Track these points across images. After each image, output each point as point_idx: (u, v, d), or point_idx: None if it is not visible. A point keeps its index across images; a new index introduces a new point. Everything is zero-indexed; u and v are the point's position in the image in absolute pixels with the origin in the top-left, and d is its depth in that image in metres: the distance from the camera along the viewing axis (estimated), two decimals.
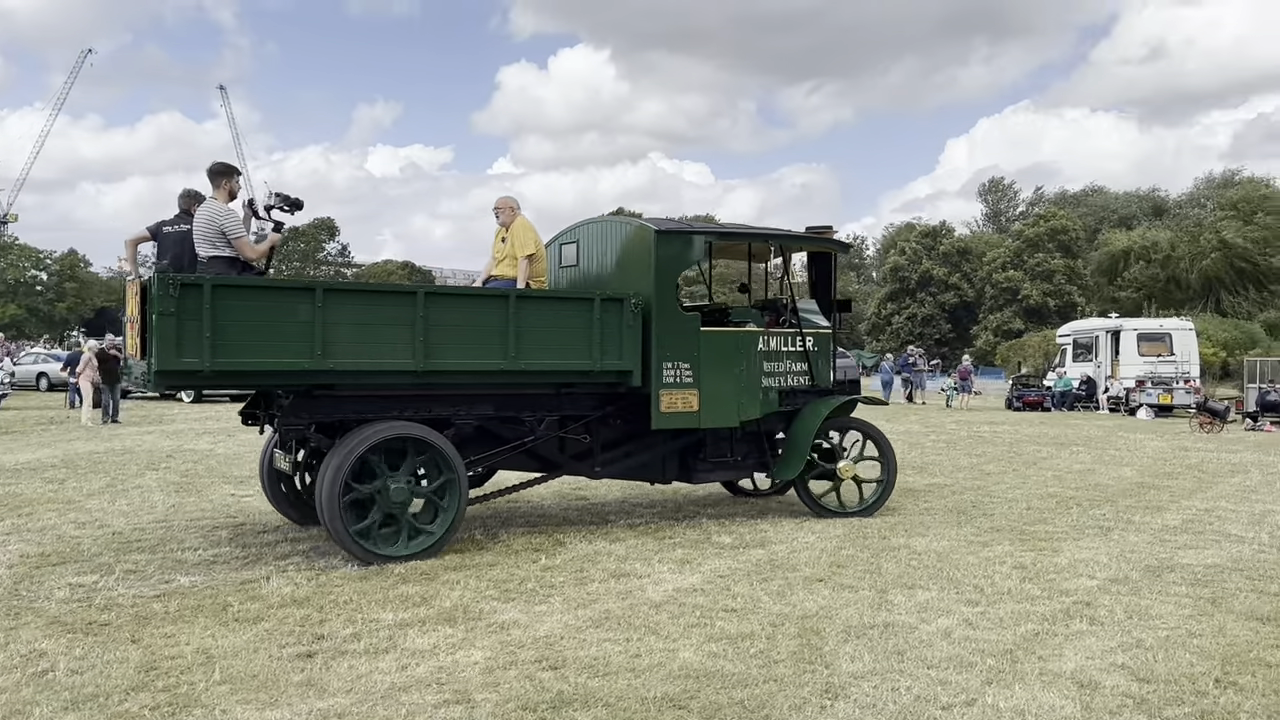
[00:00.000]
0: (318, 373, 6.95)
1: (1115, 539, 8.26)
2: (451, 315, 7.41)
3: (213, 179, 7.37)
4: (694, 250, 8.66)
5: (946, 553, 7.61)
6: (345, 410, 7.30)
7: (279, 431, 7.46)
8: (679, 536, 8.17)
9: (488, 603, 5.98)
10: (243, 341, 6.64)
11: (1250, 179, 62.81)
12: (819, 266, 9.90)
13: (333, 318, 6.93)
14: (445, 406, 7.69)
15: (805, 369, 9.17)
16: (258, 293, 6.85)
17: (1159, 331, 26.89)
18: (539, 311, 7.79)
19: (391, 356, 7.16)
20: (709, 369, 8.45)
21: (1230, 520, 9.25)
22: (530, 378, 7.83)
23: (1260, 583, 6.75)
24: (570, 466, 8.60)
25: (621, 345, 8.02)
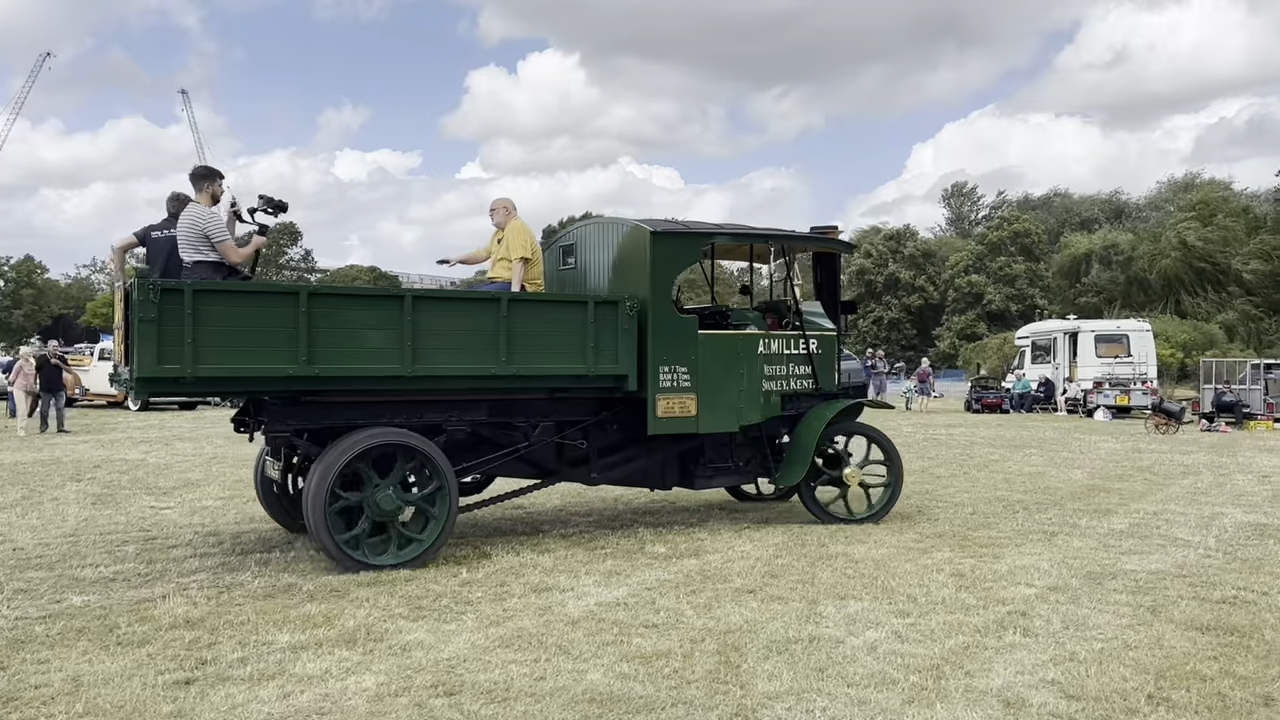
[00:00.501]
0: (303, 378, 6.80)
1: (1059, 544, 8.06)
2: (440, 319, 7.24)
3: (195, 182, 7.25)
4: (691, 251, 8.48)
5: (885, 560, 7.36)
6: (333, 417, 7.17)
7: (265, 438, 7.31)
8: (611, 547, 7.87)
9: (394, 622, 5.65)
10: (226, 347, 6.53)
11: (1210, 181, 63.64)
12: (824, 267, 9.64)
13: (318, 322, 6.79)
14: (437, 412, 7.54)
15: (809, 372, 8.92)
16: (240, 297, 6.70)
17: (1116, 333, 26.96)
18: (531, 315, 7.61)
19: (379, 361, 7.01)
20: (707, 373, 8.24)
21: (1178, 524, 9.09)
22: (523, 382, 7.65)
23: (1202, 589, 6.55)
24: (566, 473, 8.43)
25: (617, 349, 7.84)
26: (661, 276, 8.11)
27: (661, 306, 8.09)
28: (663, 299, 8.14)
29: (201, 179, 7.26)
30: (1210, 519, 9.36)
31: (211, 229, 7.03)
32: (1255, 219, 54.72)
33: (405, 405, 7.42)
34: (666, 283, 8.20)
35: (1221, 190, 58.62)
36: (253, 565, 7.09)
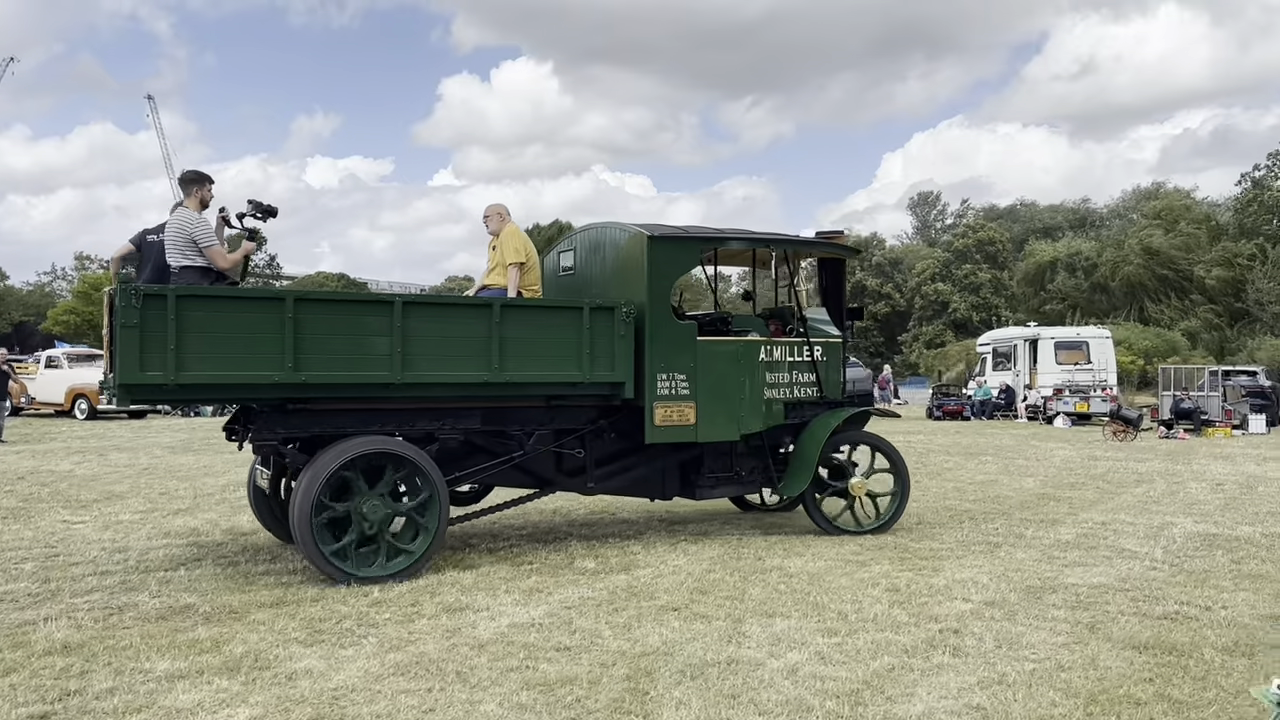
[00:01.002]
0: (289, 385, 6.69)
1: (1002, 556, 7.82)
2: (431, 325, 7.14)
3: (184, 187, 7.18)
4: (690, 256, 8.35)
5: (820, 574, 7.09)
6: (321, 425, 7.07)
7: (253, 447, 7.16)
8: (539, 562, 7.55)
9: (287, 647, 5.29)
10: (209, 354, 6.43)
11: (1174, 190, 64.26)
12: (829, 273, 9.42)
13: (304, 328, 6.68)
14: (429, 420, 7.41)
15: (813, 380, 8.71)
16: (225, 303, 6.58)
17: (1076, 340, 26.95)
18: (524, 321, 7.47)
19: (367, 368, 6.91)
20: (706, 380, 8.06)
21: (1126, 534, 8.89)
22: (517, 390, 7.52)
23: (1145, 604, 6.31)
24: (563, 482, 8.25)
25: (613, 356, 7.68)
26: (659, 281, 7.93)
27: (659, 312, 7.92)
28: (660, 304, 7.95)
29: (190, 183, 7.15)
30: (1159, 529, 9.17)
31: (199, 234, 6.92)
32: (1217, 227, 55.28)
33: (396, 413, 7.31)
34: (664, 288, 8.02)
35: (1184, 199, 59.21)
36: (153, 584, 6.71)
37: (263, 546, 8.08)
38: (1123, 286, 54.64)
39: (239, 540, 8.41)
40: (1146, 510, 10.36)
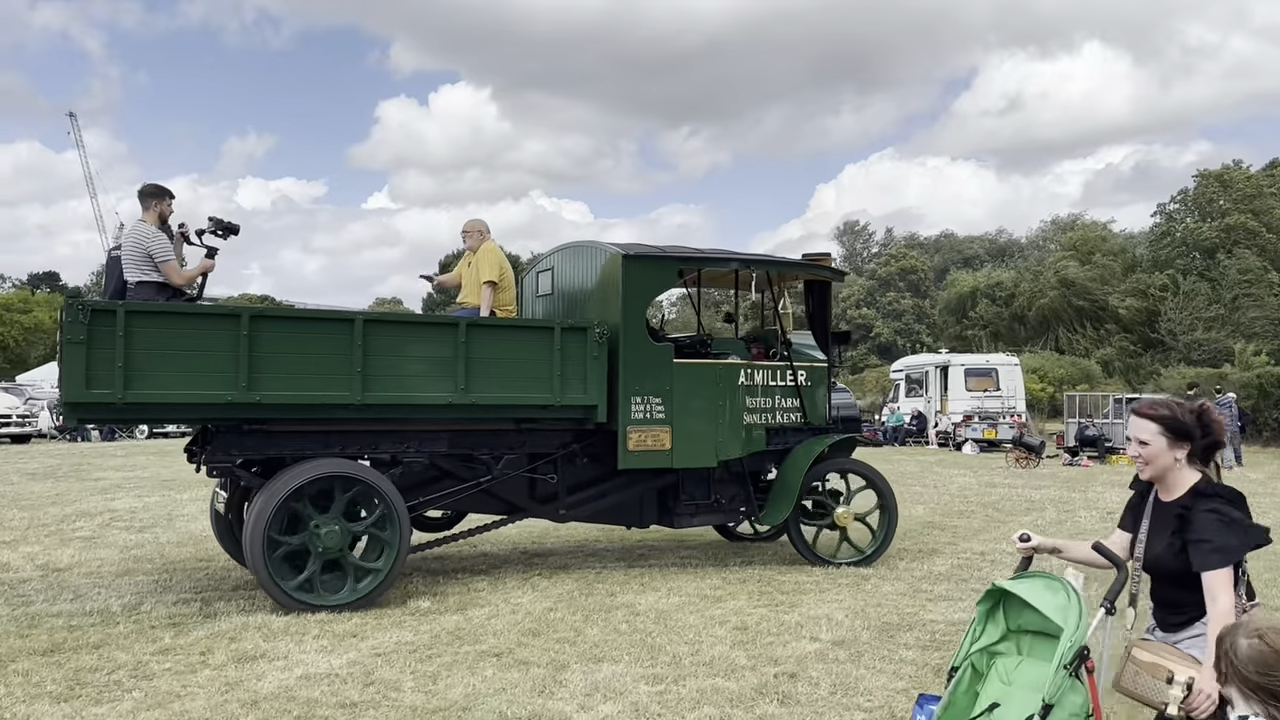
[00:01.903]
0: (243, 405, 6.48)
1: (867, 590, 7.45)
2: (393, 344, 6.92)
3: (142, 200, 6.99)
4: (666, 276, 8.07)
5: (669, 612, 6.64)
6: (279, 446, 6.85)
7: (206, 469, 6.88)
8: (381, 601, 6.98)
9: (33, 704, 4.66)
10: (160, 372, 6.23)
11: (1090, 222, 65.73)
12: (815, 296, 9.06)
13: (260, 346, 6.48)
14: (392, 443, 7.17)
15: (797, 405, 8.40)
16: (177, 319, 6.39)
17: (986, 367, 27.10)
18: (492, 341, 7.23)
19: (326, 388, 6.68)
20: (683, 404, 7.76)
21: (1001, 565, 8.60)
22: (484, 412, 7.28)
23: None
24: (534, 509, 7.96)
25: (585, 378, 7.44)
26: (634, 302, 7.66)
27: (634, 333, 7.64)
28: (635, 325, 7.67)
29: (149, 197, 6.97)
30: (1037, 560, 8.88)
31: (154, 248, 6.73)
32: (1132, 258, 56.53)
33: (358, 435, 7.05)
34: (639, 308, 7.76)
35: (1100, 230, 60.53)
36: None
37: (69, 585, 7.39)
38: (1040, 316, 55.55)
39: (49, 577, 7.70)
40: None
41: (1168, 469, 3.08)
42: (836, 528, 8.42)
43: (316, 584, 6.60)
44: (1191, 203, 54.67)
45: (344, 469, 6.75)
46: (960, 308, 60.92)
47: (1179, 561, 2.98)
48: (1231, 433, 20.31)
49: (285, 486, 6.50)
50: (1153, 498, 3.21)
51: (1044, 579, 3.06)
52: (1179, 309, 48.48)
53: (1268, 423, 26.79)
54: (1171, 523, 3.04)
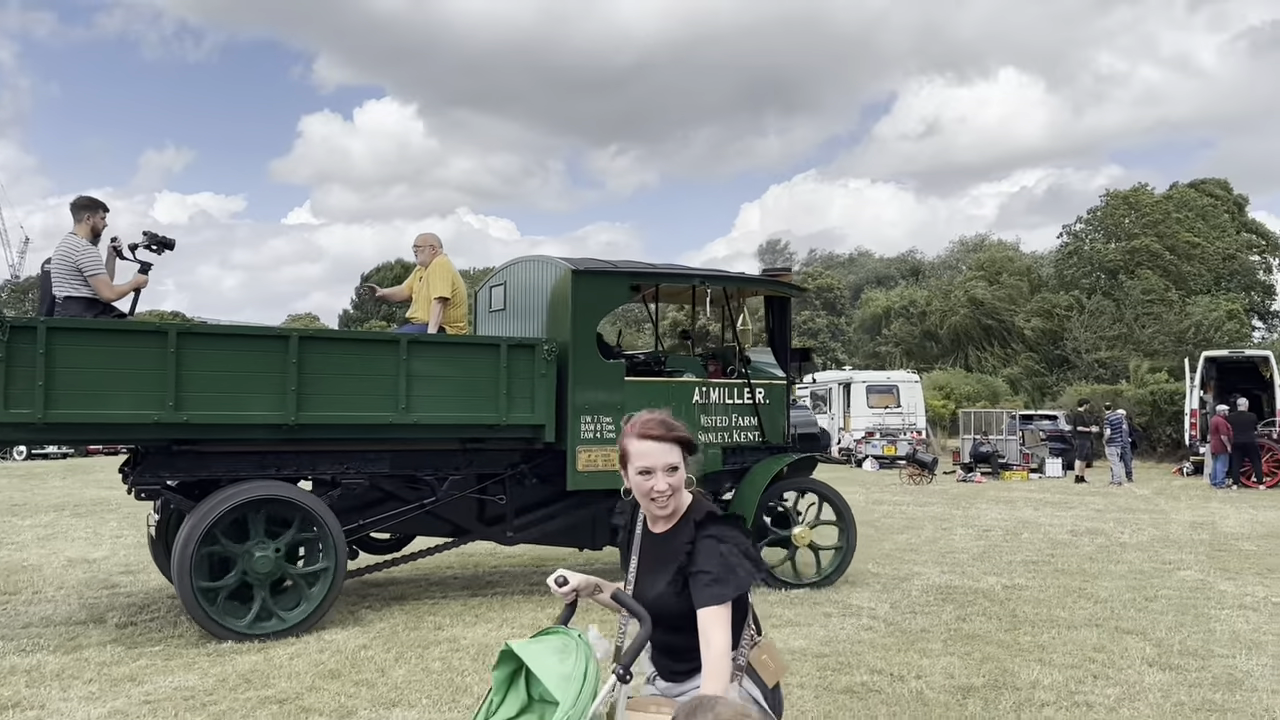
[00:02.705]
0: (171, 426, 6.28)
1: None
2: (330, 362, 6.70)
3: (75, 213, 6.78)
4: (618, 291, 7.88)
5: (494, 646, 6.20)
6: (211, 468, 6.64)
7: (133, 491, 6.66)
8: (175, 638, 6.43)
9: None
10: (83, 391, 6.02)
11: (998, 243, 67.17)
12: (774, 312, 8.85)
13: (189, 364, 6.27)
14: (331, 464, 6.95)
15: (755, 424, 8.23)
16: (101, 336, 6.16)
17: (887, 384, 27.22)
18: (435, 358, 7.04)
19: (258, 408, 6.48)
20: None
21: (863, 586, 8.34)
22: (427, 432, 7.07)
23: (833, 674, 5.66)
24: (482, 531, 7.79)
25: (533, 396, 7.23)
26: (584, 318, 7.48)
27: (584, 350, 7.46)
28: (585, 342, 7.48)
29: (82, 209, 6.76)
30: (901, 580, 8.67)
31: (84, 262, 6.52)
32: (1038, 279, 57.81)
33: (295, 456, 6.83)
34: (590, 324, 7.57)
35: (1008, 251, 61.90)
36: None
37: None
38: (951, 334, 56.48)
39: None
40: (899, 559, 9.90)
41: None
42: (792, 546, 8.24)
43: (220, 600, 6.39)
44: (1099, 223, 56.20)
45: (275, 492, 6.53)
46: (875, 326, 61.70)
47: (681, 602, 2.49)
48: (1123, 449, 20.61)
49: (213, 510, 6.30)
50: (640, 528, 2.74)
51: (560, 637, 2.49)
52: (1083, 327, 49.66)
53: (1162, 438, 27.31)
54: (671, 556, 2.56)
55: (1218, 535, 11.99)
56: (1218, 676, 5.70)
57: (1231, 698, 5.30)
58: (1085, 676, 5.69)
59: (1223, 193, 57.49)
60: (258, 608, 6.45)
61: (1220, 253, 54.09)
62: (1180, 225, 52.98)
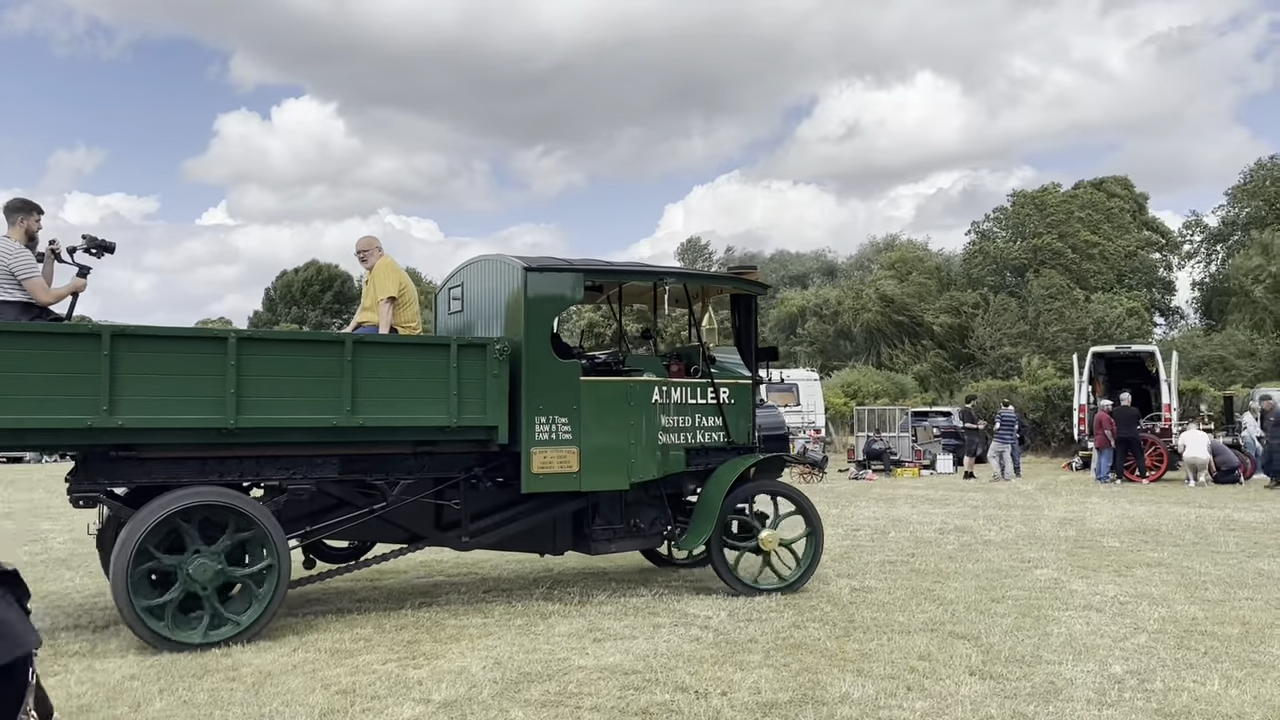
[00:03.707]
0: (104, 431, 6.12)
1: (537, 632, 6.68)
2: (270, 364, 6.54)
3: (7, 215, 6.70)
4: (571, 288, 7.63)
5: (277, 673, 5.69)
6: (151, 474, 6.51)
7: (70, 498, 6.52)
8: None
9: None
10: (13, 396, 5.88)
11: (908, 242, 68.08)
12: (739, 311, 8.66)
13: (123, 367, 6.12)
14: (276, 469, 6.82)
15: (719, 424, 8.06)
16: (30, 339, 6.04)
17: (786, 383, 27.20)
18: (381, 359, 6.85)
19: (196, 411, 6.33)
20: (591, 424, 7.41)
21: (707, 594, 8.00)
22: (375, 435, 6.90)
23: (635, 693, 5.27)
24: (436, 537, 7.59)
25: (485, 397, 7.07)
26: (537, 317, 7.34)
27: (537, 350, 7.30)
28: (538, 341, 7.32)
29: (16, 211, 6.69)
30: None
31: (17, 265, 6.41)
32: (946, 277, 58.70)
33: (238, 461, 6.72)
34: (543, 323, 7.46)
35: (917, 250, 62.71)
36: None
37: None
38: (864, 332, 57.05)
39: None
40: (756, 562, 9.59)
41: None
42: (763, 551, 8.04)
43: (171, 615, 6.27)
44: (1007, 222, 57.30)
45: (214, 498, 6.42)
46: (790, 325, 62.09)
47: None
48: (1011, 445, 20.76)
49: (150, 516, 6.20)
50: None
51: None
52: (987, 325, 50.54)
53: (1055, 434, 27.71)
54: None
55: (1084, 531, 11.97)
56: (1037, 686, 5.46)
57: (1044, 709, 5.04)
58: (899, 688, 5.40)
59: (1124, 191, 59.02)
60: (210, 616, 6.37)
61: (1121, 250, 55.57)
62: (1082, 224, 54.25)
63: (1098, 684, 5.47)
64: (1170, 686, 5.41)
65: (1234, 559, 9.79)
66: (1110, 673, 5.68)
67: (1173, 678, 5.58)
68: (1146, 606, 7.52)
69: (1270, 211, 52.36)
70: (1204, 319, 57.09)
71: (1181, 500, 15.90)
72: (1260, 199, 52.52)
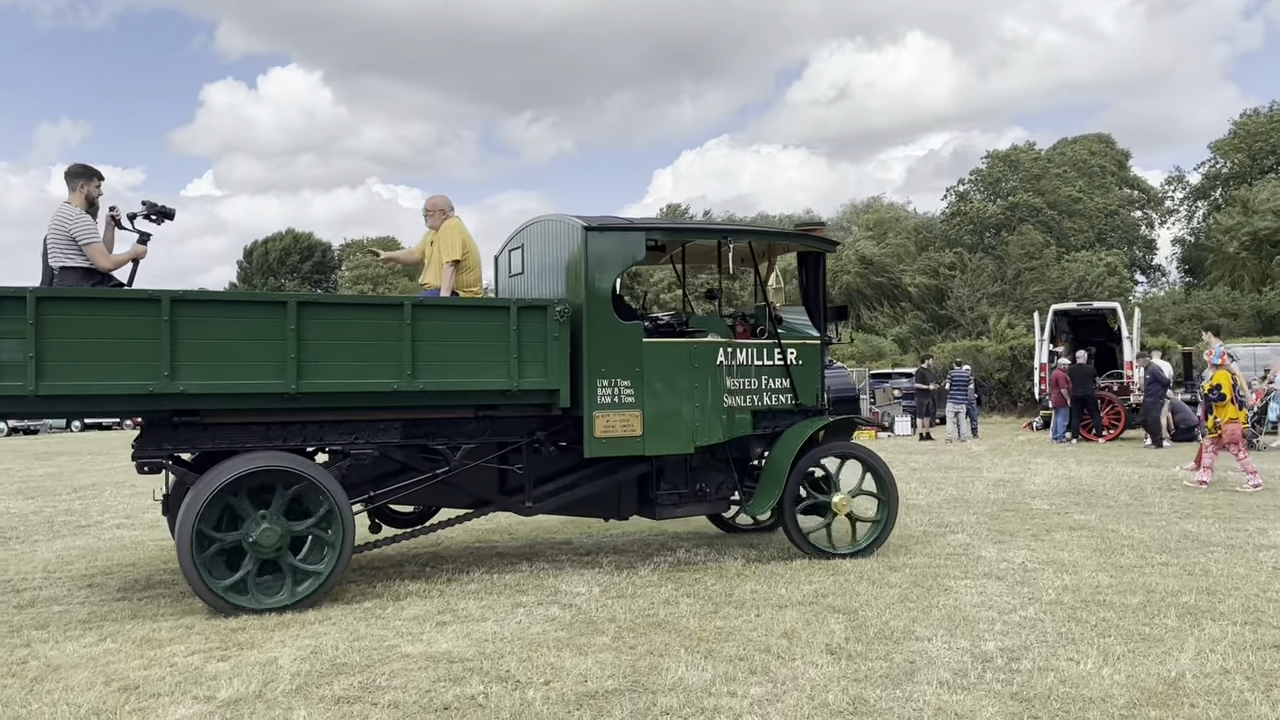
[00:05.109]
0: (166, 396, 6.13)
1: (378, 617, 6.16)
2: (331, 328, 6.49)
3: (69, 181, 6.69)
4: (632, 247, 7.31)
5: (68, 666, 5.18)
6: (214, 439, 6.52)
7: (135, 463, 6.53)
8: None
9: None
10: (76, 362, 5.91)
11: (888, 204, 67.41)
12: (808, 269, 8.40)
13: (184, 332, 6.13)
14: (339, 434, 6.77)
15: (787, 386, 7.82)
16: (92, 305, 6.04)
17: None
18: (441, 323, 6.77)
19: (257, 376, 6.31)
20: (654, 386, 7.25)
21: (597, 567, 7.53)
22: (435, 399, 6.83)
23: (450, 684, 4.77)
24: (500, 502, 7.50)
25: (546, 360, 6.95)
26: (598, 277, 7.14)
27: (598, 311, 7.12)
28: (599, 303, 7.14)
29: (76, 177, 6.68)
30: (647, 556, 7.86)
31: (78, 231, 6.44)
32: (925, 238, 58.11)
33: (300, 427, 6.68)
34: (604, 284, 7.21)
35: (896, 212, 62.12)
36: None
37: None
38: (843, 294, 56.44)
39: None
40: (667, 531, 9.11)
41: None
42: (830, 513, 7.82)
43: (251, 585, 6.32)
44: (982, 182, 56.60)
45: (278, 463, 6.39)
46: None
47: None
48: (968, 405, 20.28)
49: (214, 482, 6.21)
50: None
51: None
52: (966, 285, 49.99)
53: (1021, 393, 27.25)
54: None
55: (1016, 494, 11.50)
56: (894, 666, 4.97)
57: (889, 693, 4.55)
58: (741, 672, 4.91)
59: (1104, 148, 58.29)
60: (237, 578, 6.31)
61: (1102, 209, 54.97)
62: (1060, 180, 53.58)
63: (960, 664, 4.99)
64: (1039, 666, 4.93)
65: (1163, 521, 9.33)
66: (981, 650, 5.20)
67: (1047, 655, 5.10)
68: (1052, 574, 7.05)
69: (1254, 166, 51.73)
70: (1185, 277, 56.65)
71: (1131, 460, 15.46)
72: (1243, 153, 51.81)
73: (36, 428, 34.77)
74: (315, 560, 6.56)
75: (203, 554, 6.20)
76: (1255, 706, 4.32)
